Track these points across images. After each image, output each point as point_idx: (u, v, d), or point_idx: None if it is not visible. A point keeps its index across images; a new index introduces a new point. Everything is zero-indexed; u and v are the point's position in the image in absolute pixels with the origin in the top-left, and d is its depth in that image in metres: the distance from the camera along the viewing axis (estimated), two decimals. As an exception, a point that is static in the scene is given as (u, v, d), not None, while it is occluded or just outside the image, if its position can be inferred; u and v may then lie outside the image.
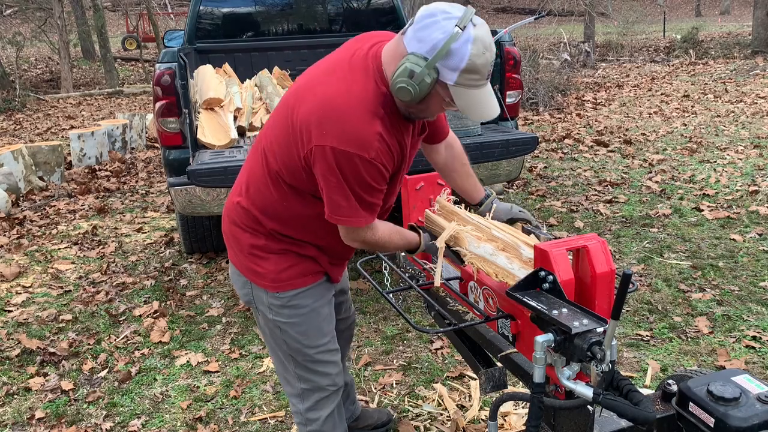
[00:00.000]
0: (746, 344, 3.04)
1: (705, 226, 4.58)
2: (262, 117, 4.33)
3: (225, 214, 1.88)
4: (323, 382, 1.92)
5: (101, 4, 17.41)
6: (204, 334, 3.47)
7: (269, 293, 1.81)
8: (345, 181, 1.56)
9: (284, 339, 1.86)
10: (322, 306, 1.87)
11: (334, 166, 1.54)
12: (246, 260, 1.82)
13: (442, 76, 1.50)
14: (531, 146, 3.88)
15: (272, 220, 1.76)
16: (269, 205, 1.75)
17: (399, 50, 1.55)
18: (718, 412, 1.45)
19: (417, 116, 1.67)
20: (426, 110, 1.62)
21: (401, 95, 1.53)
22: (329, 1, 5.31)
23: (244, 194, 1.80)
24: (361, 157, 1.53)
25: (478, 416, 2.63)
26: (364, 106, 1.55)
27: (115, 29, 27.80)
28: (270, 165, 1.71)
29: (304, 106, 1.60)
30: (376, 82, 1.58)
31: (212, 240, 4.40)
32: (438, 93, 1.54)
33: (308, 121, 1.57)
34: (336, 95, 1.56)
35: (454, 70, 1.48)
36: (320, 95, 1.58)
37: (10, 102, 12.60)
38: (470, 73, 1.49)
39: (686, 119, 8.54)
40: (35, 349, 3.34)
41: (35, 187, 6.45)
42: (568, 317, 1.45)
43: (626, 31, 18.37)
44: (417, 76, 1.48)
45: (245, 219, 1.79)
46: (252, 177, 1.79)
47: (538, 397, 1.51)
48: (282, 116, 1.69)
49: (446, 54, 1.46)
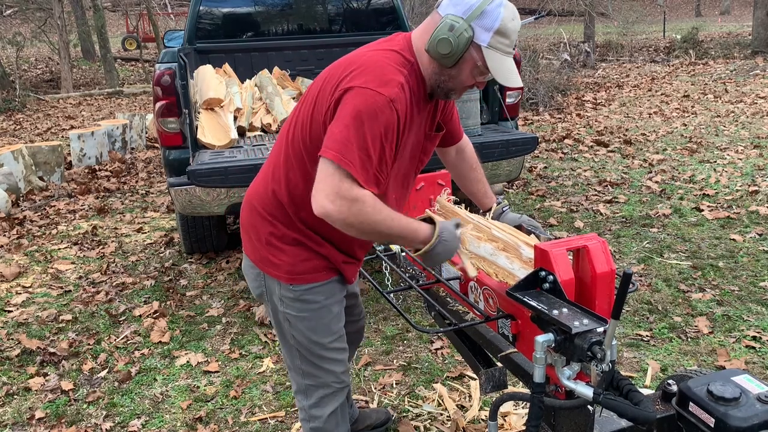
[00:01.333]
0: (746, 344, 3.04)
1: (705, 226, 4.58)
2: (262, 117, 4.33)
3: (246, 204, 1.88)
4: (328, 379, 1.92)
5: (101, 4, 17.40)
6: (204, 334, 3.47)
7: (282, 285, 1.81)
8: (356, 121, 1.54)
9: (292, 333, 1.87)
10: (332, 304, 1.86)
11: (352, 105, 1.55)
12: (263, 250, 1.82)
13: (476, 37, 1.58)
14: (531, 146, 3.88)
15: (295, 204, 1.75)
16: (292, 186, 1.75)
17: (432, 21, 1.64)
18: (718, 412, 1.45)
19: (445, 87, 1.69)
20: (456, 77, 1.66)
21: (441, 47, 1.59)
22: (329, 1, 5.31)
23: (270, 179, 1.80)
24: (382, 96, 1.55)
25: (478, 416, 2.63)
26: (388, 60, 1.63)
27: (115, 29, 27.80)
28: (295, 143, 1.73)
29: (331, 69, 1.70)
30: (402, 50, 1.67)
31: (212, 240, 4.40)
32: (471, 56, 1.61)
33: (336, 73, 1.65)
34: (361, 53, 1.68)
35: (488, 30, 1.57)
36: (346, 57, 1.70)
37: (10, 102, 12.60)
38: (502, 35, 1.58)
39: (686, 119, 8.54)
40: (35, 349, 3.34)
41: (35, 187, 6.45)
42: (569, 317, 1.45)
43: (626, 31, 18.37)
44: (456, 29, 1.57)
45: (268, 205, 1.79)
46: (277, 161, 1.79)
47: (538, 397, 1.51)
48: (309, 94, 1.74)
49: (481, 14, 1.57)
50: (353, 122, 1.54)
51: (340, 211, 1.55)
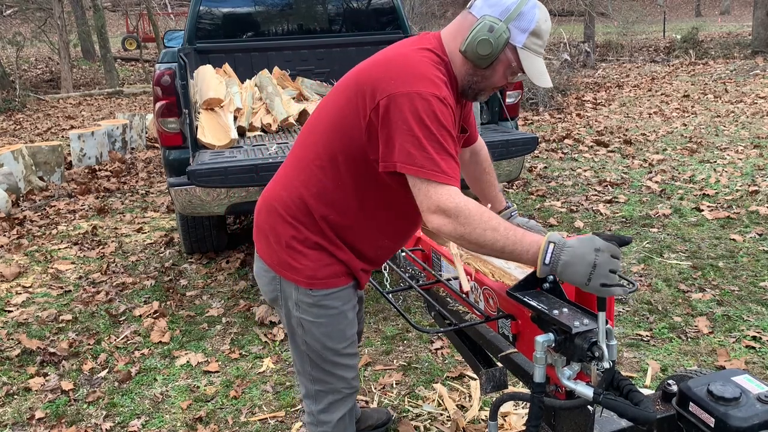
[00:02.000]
0: (746, 344, 3.04)
1: (705, 226, 4.58)
2: (262, 117, 4.33)
3: (264, 206, 1.83)
4: (339, 384, 1.89)
5: (101, 4, 17.41)
6: (204, 334, 3.47)
7: (300, 289, 1.77)
8: (419, 125, 1.51)
9: (305, 339, 1.83)
10: (348, 310, 1.83)
11: (407, 110, 1.51)
12: (282, 253, 1.77)
13: (512, 38, 1.59)
14: (531, 146, 3.88)
15: (323, 208, 1.71)
16: (322, 191, 1.71)
17: (466, 22, 1.63)
18: (718, 412, 1.45)
19: (477, 88, 1.68)
20: (490, 78, 1.66)
21: (481, 48, 1.58)
22: (329, 1, 5.31)
23: (295, 181, 1.76)
24: (434, 95, 1.53)
25: (478, 416, 2.63)
26: (427, 59, 1.61)
27: (115, 29, 27.80)
28: (326, 145, 1.69)
29: (366, 71, 1.65)
30: (435, 49, 1.65)
31: (212, 240, 4.40)
32: (506, 57, 1.62)
33: (374, 77, 1.60)
34: (397, 54, 1.65)
35: (524, 32, 1.58)
36: (381, 58, 1.66)
37: (10, 102, 12.60)
38: (536, 36, 1.59)
39: (686, 119, 8.54)
40: (35, 349, 3.34)
41: (35, 187, 6.45)
42: (569, 317, 1.45)
43: (626, 31, 18.37)
44: (496, 30, 1.57)
45: (291, 208, 1.74)
46: (302, 163, 1.75)
47: (538, 397, 1.51)
48: (338, 93, 1.70)
49: (518, 15, 1.57)
50: (419, 128, 1.50)
51: (447, 225, 1.51)
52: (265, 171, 3.34)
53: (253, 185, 3.45)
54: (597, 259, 1.39)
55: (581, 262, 1.40)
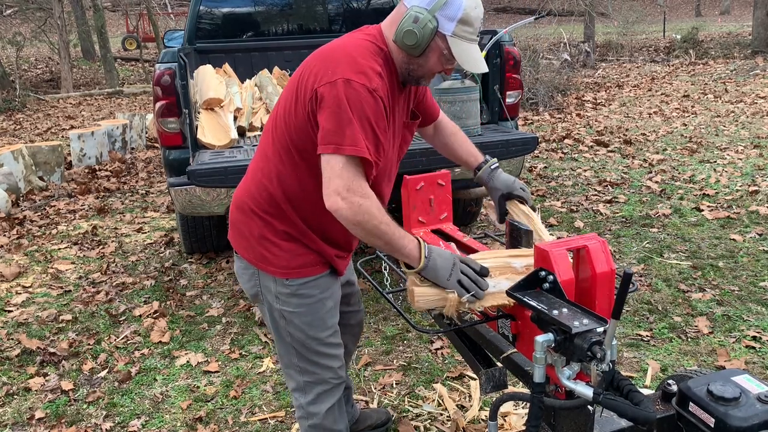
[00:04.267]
0: (746, 344, 3.04)
1: (705, 226, 4.58)
2: (262, 117, 4.33)
3: (236, 204, 1.89)
4: (325, 375, 1.93)
5: (101, 4, 17.40)
6: (204, 334, 3.47)
7: (278, 280, 1.82)
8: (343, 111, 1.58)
9: (288, 330, 1.87)
10: (327, 298, 1.88)
11: (338, 97, 1.58)
12: (257, 247, 1.82)
13: (440, 27, 1.64)
14: (531, 146, 3.88)
15: (288, 199, 1.77)
16: (283, 181, 1.76)
17: (399, 12, 1.70)
18: (718, 412, 1.45)
19: (415, 75, 1.73)
20: (425, 66, 1.71)
21: (407, 39, 1.65)
22: (329, 1, 5.31)
23: (260, 175, 1.81)
24: (364, 86, 1.58)
25: (478, 416, 2.63)
26: (364, 50, 1.68)
27: (115, 29, 27.80)
28: (281, 137, 1.75)
29: (307, 62, 1.75)
30: (375, 40, 1.72)
31: (212, 240, 4.40)
32: (437, 45, 1.67)
33: (312, 66, 1.69)
34: (337, 45, 1.72)
35: (451, 20, 1.63)
36: (322, 49, 1.74)
37: (10, 102, 12.60)
38: (465, 24, 1.64)
39: (686, 119, 8.54)
40: (35, 349, 3.34)
41: (35, 187, 6.45)
42: (569, 317, 1.45)
43: (626, 31, 18.38)
44: (421, 20, 1.63)
45: (260, 202, 1.80)
46: (265, 157, 1.81)
47: (538, 397, 1.51)
48: (288, 87, 1.78)
49: (444, 5, 1.62)
50: (343, 114, 1.58)
51: (350, 208, 1.59)
52: (265, 171, 3.34)
53: (253, 185, 3.45)
54: (456, 262, 1.65)
55: (446, 263, 1.64)
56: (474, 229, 4.74)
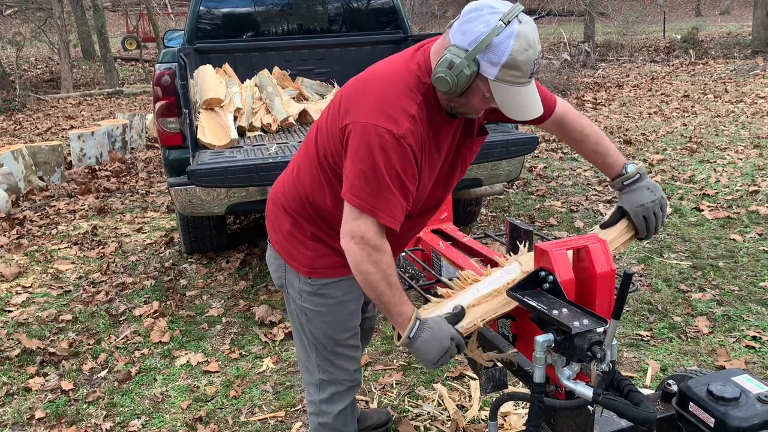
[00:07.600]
0: (746, 344, 3.04)
1: (705, 226, 4.58)
2: (262, 117, 4.33)
3: (271, 196, 1.91)
4: (341, 376, 1.94)
5: (101, 4, 17.40)
6: (204, 334, 3.47)
7: (301, 278, 1.83)
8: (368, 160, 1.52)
9: (309, 327, 1.88)
10: (349, 301, 1.87)
11: (367, 144, 1.52)
12: (285, 241, 1.84)
13: (482, 70, 1.48)
14: (531, 146, 3.88)
15: (313, 206, 1.77)
16: (311, 192, 1.76)
17: (444, 43, 1.56)
18: (718, 412, 1.45)
19: (459, 111, 1.63)
20: (467, 105, 1.59)
21: (439, 85, 1.53)
22: (329, 1, 5.31)
23: (295, 176, 1.81)
24: (390, 133, 1.51)
25: (478, 416, 2.63)
26: (402, 86, 1.58)
27: (115, 29, 27.79)
28: (315, 153, 1.73)
29: (351, 86, 1.68)
30: (419, 73, 1.59)
31: (212, 240, 4.40)
32: (479, 87, 1.52)
33: (347, 93, 1.65)
34: (376, 74, 1.65)
35: (494, 65, 1.47)
36: (364, 74, 1.68)
37: (10, 102, 12.60)
38: (511, 68, 1.46)
39: (686, 119, 8.54)
40: (35, 349, 3.34)
41: (35, 187, 6.45)
42: (569, 317, 1.45)
43: (626, 31, 18.36)
44: (456, 67, 1.48)
45: (291, 200, 1.81)
46: (302, 162, 1.81)
47: (538, 397, 1.51)
48: (336, 97, 1.73)
49: (487, 47, 1.45)
50: (369, 165, 1.52)
51: (361, 254, 1.58)
52: (264, 171, 3.35)
53: (253, 185, 3.46)
54: (450, 347, 1.57)
55: (437, 346, 1.57)
56: (474, 229, 4.74)
